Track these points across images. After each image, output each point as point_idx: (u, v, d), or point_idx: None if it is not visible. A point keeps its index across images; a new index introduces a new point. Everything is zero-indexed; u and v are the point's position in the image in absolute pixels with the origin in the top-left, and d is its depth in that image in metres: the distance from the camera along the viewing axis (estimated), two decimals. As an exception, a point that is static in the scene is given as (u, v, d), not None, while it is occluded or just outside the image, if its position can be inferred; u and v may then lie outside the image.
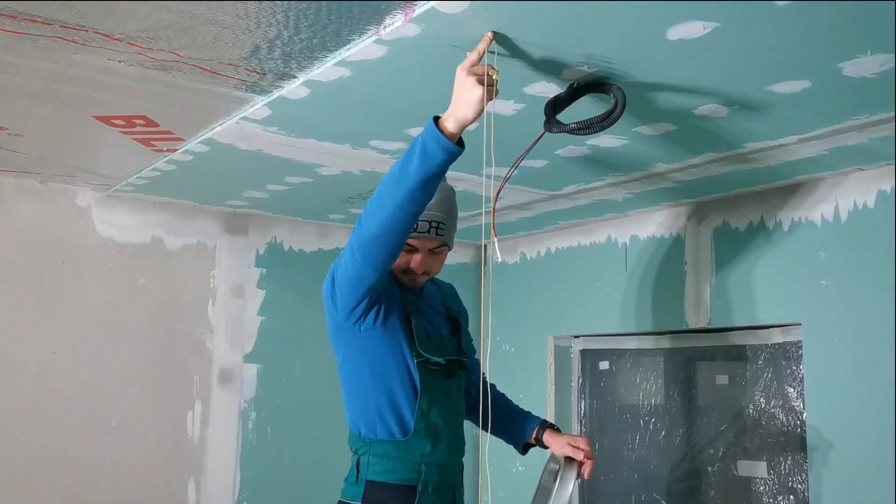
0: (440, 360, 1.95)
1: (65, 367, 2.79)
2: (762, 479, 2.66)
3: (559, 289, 3.38)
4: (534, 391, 3.37)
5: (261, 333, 3.22)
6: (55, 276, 2.81)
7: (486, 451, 1.89)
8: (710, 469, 2.85)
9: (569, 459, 1.99)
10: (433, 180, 1.64)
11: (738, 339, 2.79)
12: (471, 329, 2.25)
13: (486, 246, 3.71)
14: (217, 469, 3.07)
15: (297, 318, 3.27)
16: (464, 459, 2.06)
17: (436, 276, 2.18)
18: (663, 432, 3.06)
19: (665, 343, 3.06)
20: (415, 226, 1.89)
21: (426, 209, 1.87)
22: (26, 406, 2.71)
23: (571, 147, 2.24)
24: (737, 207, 2.71)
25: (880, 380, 2.27)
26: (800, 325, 2.51)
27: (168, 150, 2.40)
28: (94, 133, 2.27)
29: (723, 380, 2.86)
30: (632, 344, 3.20)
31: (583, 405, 3.40)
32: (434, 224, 1.93)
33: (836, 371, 2.38)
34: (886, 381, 2.26)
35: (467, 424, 2.10)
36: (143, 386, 2.94)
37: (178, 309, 3.05)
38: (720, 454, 2.82)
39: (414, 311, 1.97)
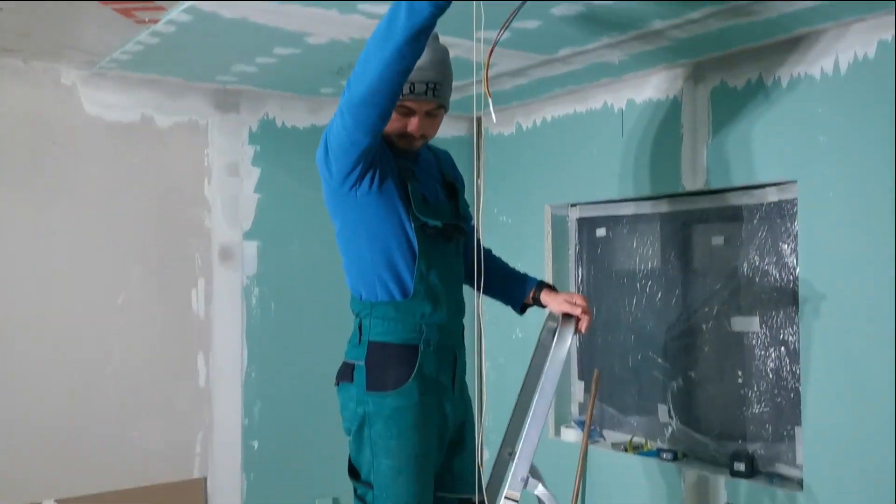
0: (438, 223, 1.96)
1: (65, 249, 2.81)
2: (754, 333, 2.74)
3: (556, 158, 3.37)
4: (532, 261, 3.41)
5: (258, 211, 3.23)
6: (47, 158, 2.79)
7: (480, 310, 1.93)
8: (704, 327, 2.92)
9: (566, 316, 2.03)
10: (421, 36, 1.60)
11: (733, 199, 2.80)
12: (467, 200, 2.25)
13: (480, 118, 3.67)
14: (224, 344, 3.14)
15: (294, 195, 3.27)
16: (465, 326, 2.11)
17: (431, 143, 2.16)
18: (659, 294, 3.12)
19: (661, 207, 3.07)
20: (411, 87, 1.86)
21: (422, 71, 1.84)
22: (30, 290, 2.75)
23: (566, 3, 2.17)
24: (735, 66, 2.66)
25: (874, 232, 2.29)
26: (796, 182, 2.52)
27: (150, 21, 2.33)
28: (73, 4, 2.20)
29: (718, 241, 2.90)
30: (628, 210, 3.21)
31: (580, 272, 3.46)
32: (431, 86, 1.90)
33: (830, 225, 2.40)
34: (880, 233, 2.28)
35: (467, 292, 2.13)
36: (145, 265, 2.97)
37: (173, 188, 3.05)
38: (714, 312, 2.89)
39: (410, 176, 1.97)
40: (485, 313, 3.52)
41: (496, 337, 3.60)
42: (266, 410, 3.21)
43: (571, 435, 3.34)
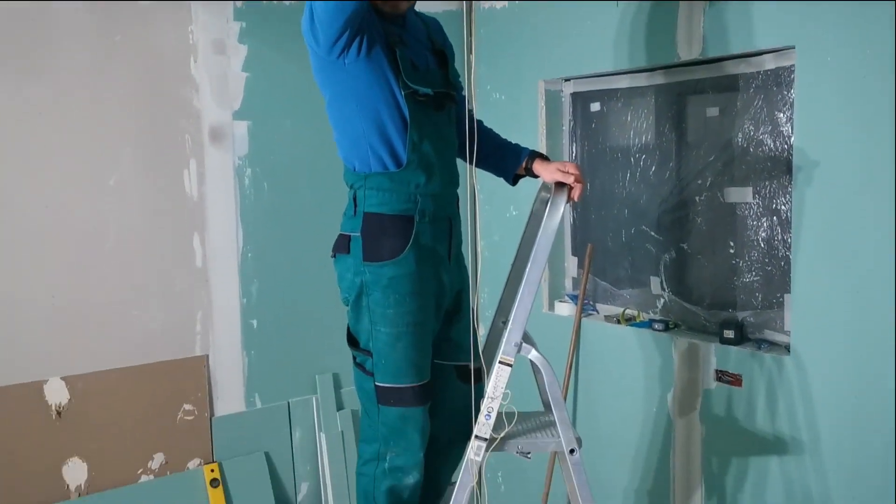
0: (428, 91, 1.93)
1: (53, 130, 2.77)
2: (747, 204, 2.75)
3: (550, 31, 3.28)
4: (526, 138, 3.33)
5: (247, 90, 3.17)
6: (25, 37, 2.70)
7: (475, 180, 1.92)
8: (697, 199, 2.93)
9: (559, 185, 2.03)
10: None
11: (730, 68, 2.75)
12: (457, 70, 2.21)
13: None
14: (219, 225, 3.15)
15: (283, 72, 3.21)
16: (459, 197, 2.12)
17: (420, 12, 2.10)
18: (653, 168, 3.11)
19: (656, 79, 3.02)
20: None
21: None
22: (22, 172, 2.73)
23: None
24: (735, -74, 2.56)
25: (872, 98, 2.26)
26: (794, 48, 2.47)
27: None
28: None
29: (713, 112, 2.86)
30: (623, 83, 3.16)
31: (574, 148, 3.43)
32: None
33: (827, 92, 2.37)
34: (878, 99, 2.25)
35: (460, 164, 2.12)
36: (136, 146, 2.94)
37: (159, 67, 2.98)
38: (708, 184, 2.89)
39: (398, 42, 1.92)
40: (480, 191, 3.52)
41: (491, 214, 3.62)
42: (264, 290, 3.26)
43: (565, 309, 3.40)
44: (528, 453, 3.60)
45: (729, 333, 2.74)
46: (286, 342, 3.33)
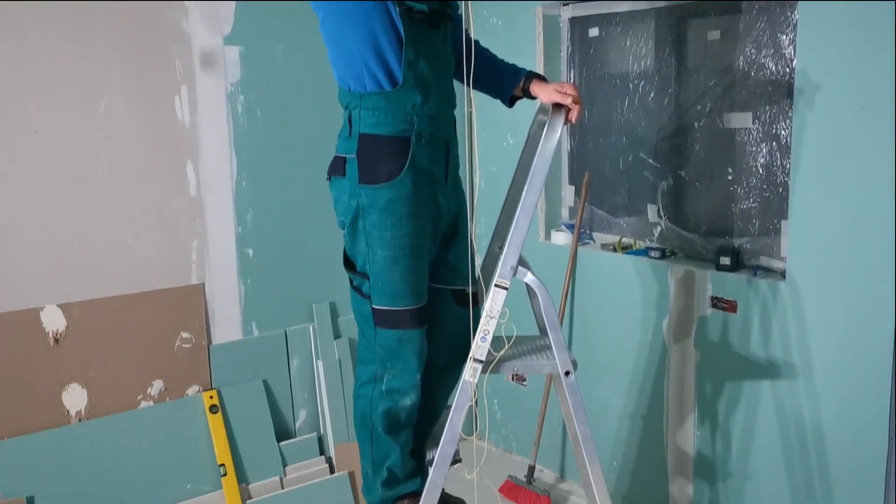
0: (423, 7, 1.88)
1: (40, 54, 2.71)
2: (747, 129, 2.72)
3: (547, -48, 3.20)
4: (523, 64, 3.27)
5: (238, 13, 3.10)
6: (10, -45, 2.63)
7: (472, 100, 1.89)
8: (696, 125, 2.89)
9: (556, 107, 2.00)
10: None
11: (732, -11, 2.69)
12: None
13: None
14: (212, 153, 3.11)
15: (275, -4, 3.13)
16: (456, 119, 2.08)
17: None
18: (652, 95, 3.06)
19: (657, 3, 2.95)
20: None
21: None
22: (9, 95, 2.67)
23: None
24: None
25: (875, 19, 2.22)
26: (798, -33, 2.41)
27: None
28: None
29: (714, 35, 2.81)
30: (622, 7, 3.09)
31: (572, 75, 3.38)
32: None
33: (831, 12, 2.32)
34: (881, 19, 2.20)
35: (457, 85, 2.08)
36: (124, 71, 2.88)
37: (147, -10, 2.91)
38: (707, 110, 2.85)
39: (392, -44, 1.86)
40: (476, 119, 3.48)
41: (487, 143, 3.58)
42: (259, 218, 3.24)
43: (561, 238, 3.40)
44: (524, 380, 3.64)
45: (725, 260, 2.74)
46: (282, 271, 3.33)
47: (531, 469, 3.38)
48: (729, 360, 2.76)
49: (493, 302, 1.96)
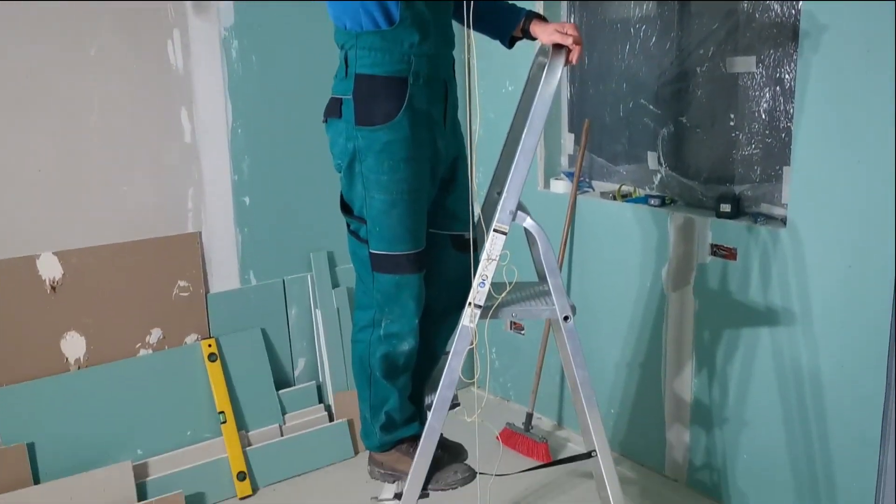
0: (421, -57, 1.83)
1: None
2: (750, 74, 2.67)
3: None
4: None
5: (231, -45, 3.03)
6: None
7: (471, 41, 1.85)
8: (698, 70, 2.85)
9: (556, 48, 1.96)
10: None
11: (738, -71, 2.62)
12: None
13: None
14: (207, 100, 3.06)
15: (268, -64, 3.05)
16: (454, 59, 2.04)
17: None
18: (653, 39, 3.01)
19: (660, -57, 2.88)
20: None
21: None
22: (-2, 39, 2.63)
23: None
24: None
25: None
26: None
27: None
28: None
29: (718, -23, 2.75)
30: (625, -52, 3.02)
31: (573, 20, 3.31)
32: None
33: (839, -48, 2.26)
34: (891, -43, 2.15)
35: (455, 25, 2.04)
36: (115, 13, 2.81)
37: (137, -70, 2.83)
38: (710, 54, 2.80)
39: None
40: (474, 67, 3.41)
41: (486, 90, 3.53)
42: (255, 166, 3.20)
43: (560, 186, 3.37)
44: (522, 329, 3.65)
45: (725, 207, 2.72)
46: (279, 219, 3.31)
47: (529, 416, 3.40)
48: (728, 307, 2.75)
49: (492, 247, 1.95)
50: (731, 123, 2.76)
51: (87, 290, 2.87)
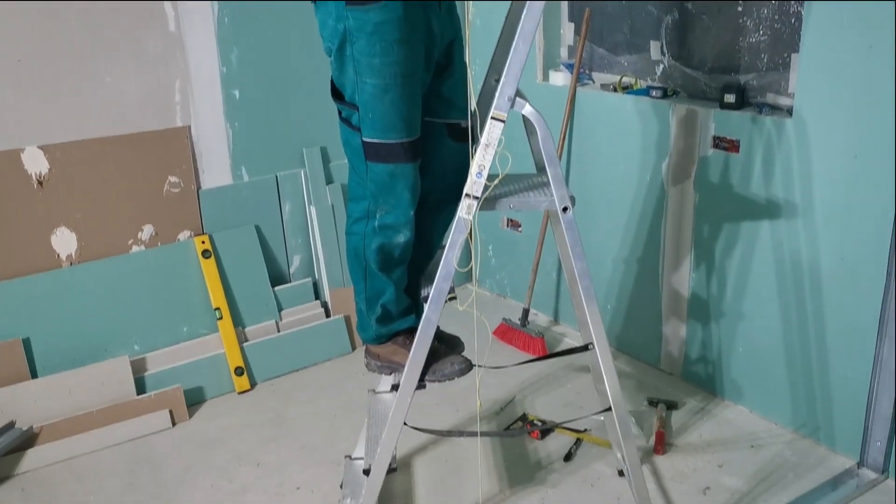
0: None
1: None
2: (761, -46, 2.54)
3: None
4: None
5: None
6: None
7: None
8: (707, -49, 2.71)
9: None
10: None
11: None
12: None
13: None
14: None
15: None
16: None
17: None
18: (660, -81, 2.86)
19: None
20: None
21: None
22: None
23: None
24: None
25: None
26: None
27: None
28: None
29: None
30: None
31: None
32: None
33: None
34: None
35: None
36: None
37: None
38: (719, -66, 2.66)
39: None
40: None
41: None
42: (244, 58, 3.09)
43: (560, 78, 3.27)
44: (519, 226, 3.61)
45: (730, 98, 2.64)
46: (271, 114, 3.22)
47: (525, 312, 3.40)
48: (728, 201, 2.71)
49: (490, 134, 1.88)
50: (739, 9, 2.65)
51: (75, 185, 2.81)
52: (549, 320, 3.59)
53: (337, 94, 1.91)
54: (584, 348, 2.16)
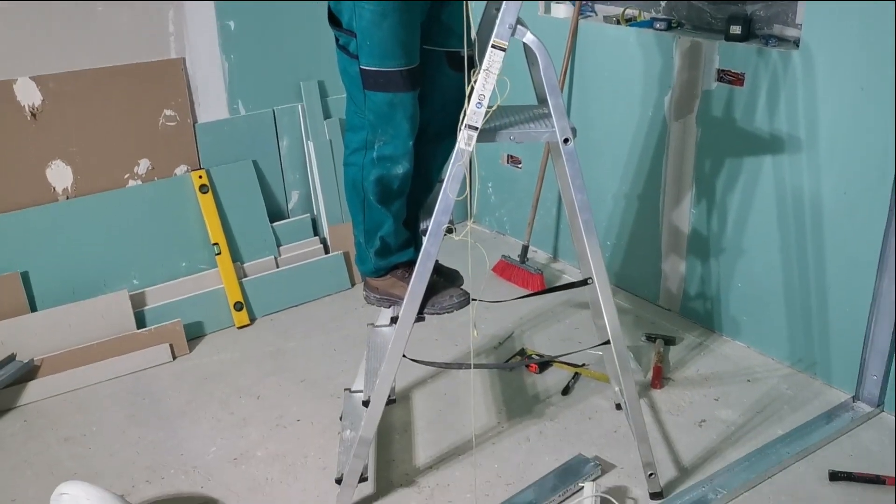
0: None
1: None
2: None
3: None
4: None
5: None
6: None
7: None
8: None
9: None
10: None
11: None
12: None
13: None
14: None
15: None
16: None
17: None
18: None
19: None
20: None
21: None
22: None
23: None
24: None
25: None
26: None
27: None
28: None
29: None
30: None
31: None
32: None
33: None
34: None
35: None
36: None
37: None
38: None
39: None
40: None
41: None
42: (238, -13, 3.02)
43: (562, 10, 3.20)
44: (519, 163, 3.58)
45: (735, 29, 2.59)
46: (267, 46, 3.16)
47: (524, 249, 3.40)
48: (731, 135, 2.67)
49: (490, 65, 1.84)
50: (747, -64, 2.58)
51: (69, 117, 2.77)
52: (549, 257, 3.58)
53: (334, 20, 1.86)
54: (584, 282, 2.15)
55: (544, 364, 2.76)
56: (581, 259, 2.15)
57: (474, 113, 1.87)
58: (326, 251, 3.36)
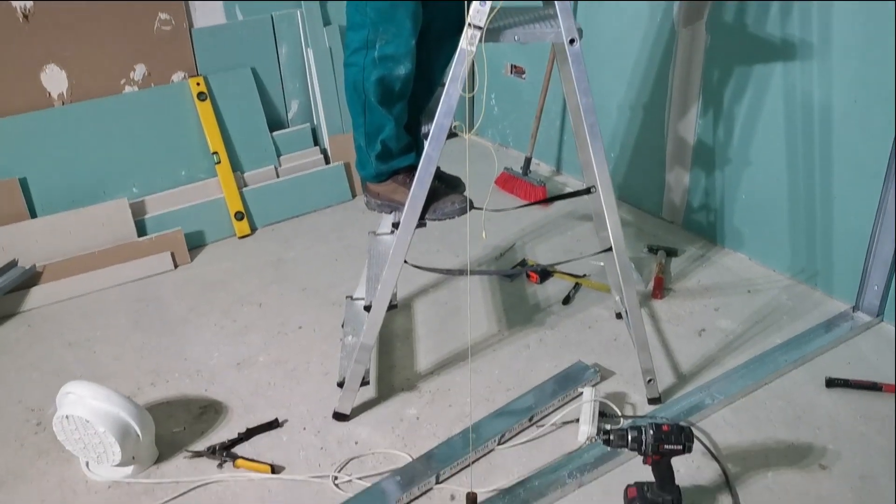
0: None
1: None
2: None
3: None
4: None
5: None
6: None
7: None
8: None
9: None
10: None
11: None
12: None
13: None
14: None
15: None
16: None
17: None
18: None
19: None
20: None
21: None
22: None
23: None
24: None
25: None
26: None
27: None
28: None
29: None
30: None
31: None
32: None
33: None
34: None
35: None
36: None
37: None
38: None
39: None
40: None
41: None
42: None
43: (570, -89, 3.07)
44: (523, 73, 3.51)
45: (750, -71, 2.49)
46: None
47: (527, 161, 3.36)
48: (742, 42, 2.60)
49: (495, -41, 1.77)
50: None
51: (62, 20, 2.70)
52: (552, 170, 3.55)
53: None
54: (587, 191, 2.13)
55: (545, 274, 2.76)
56: (585, 166, 2.13)
57: (478, 11, 1.81)
58: (327, 161, 3.33)
